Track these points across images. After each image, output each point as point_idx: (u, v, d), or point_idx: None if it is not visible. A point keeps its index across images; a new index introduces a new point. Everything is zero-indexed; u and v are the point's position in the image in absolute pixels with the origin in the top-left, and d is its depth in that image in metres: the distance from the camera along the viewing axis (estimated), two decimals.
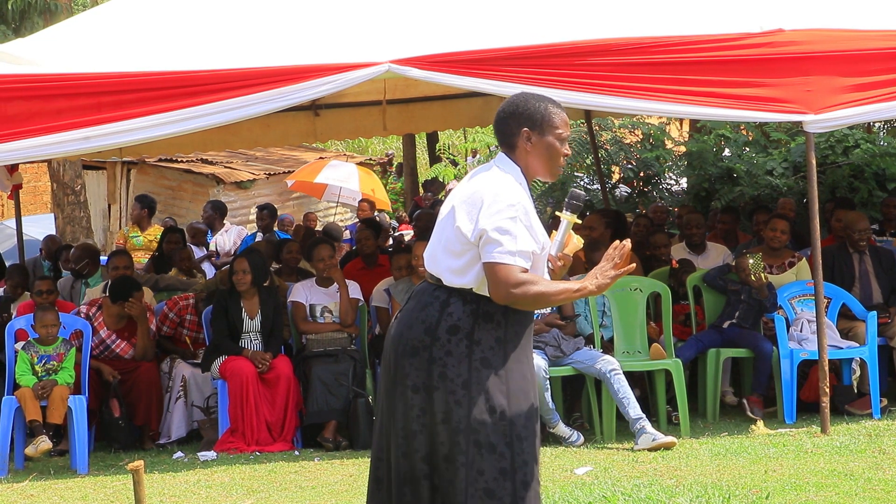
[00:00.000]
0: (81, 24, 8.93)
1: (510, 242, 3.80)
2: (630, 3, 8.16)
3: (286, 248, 10.25)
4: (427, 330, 3.87)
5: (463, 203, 3.91)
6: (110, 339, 8.44)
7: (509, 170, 3.95)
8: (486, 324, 3.87)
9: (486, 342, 3.86)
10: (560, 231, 4.08)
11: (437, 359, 3.85)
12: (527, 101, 4.00)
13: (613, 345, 8.14)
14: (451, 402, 3.82)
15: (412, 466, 3.86)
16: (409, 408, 3.87)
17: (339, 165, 18.67)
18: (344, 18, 8.03)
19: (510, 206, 3.83)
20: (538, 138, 3.96)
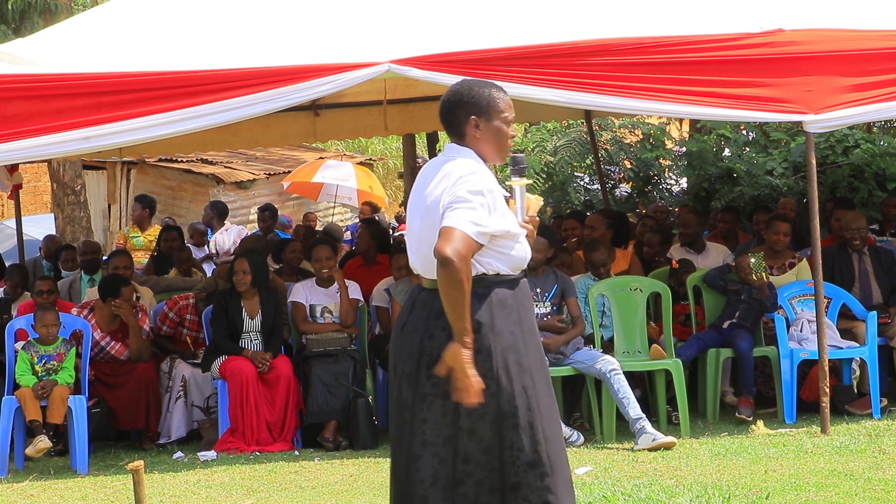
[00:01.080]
0: (81, 24, 8.93)
1: (471, 212, 3.87)
2: (630, 3, 8.16)
3: (289, 248, 10.25)
4: (451, 336, 3.92)
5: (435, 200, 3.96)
6: (104, 342, 8.43)
7: (466, 155, 4.04)
8: (502, 311, 3.98)
9: (506, 329, 3.98)
10: (517, 197, 4.16)
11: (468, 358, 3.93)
12: (470, 89, 4.08)
13: (613, 345, 8.14)
14: (486, 396, 3.92)
15: (455, 469, 3.96)
16: (444, 414, 3.97)
17: (336, 165, 18.65)
18: (344, 18, 8.03)
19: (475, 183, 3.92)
20: (486, 124, 4.05)
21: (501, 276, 4.01)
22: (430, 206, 3.98)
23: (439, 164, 4.07)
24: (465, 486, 3.97)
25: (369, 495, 6.45)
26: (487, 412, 3.95)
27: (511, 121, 4.12)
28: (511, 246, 4.02)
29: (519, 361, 3.99)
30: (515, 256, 4.04)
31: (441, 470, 3.97)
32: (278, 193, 19.85)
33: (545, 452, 3.97)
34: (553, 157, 14.05)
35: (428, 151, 23.15)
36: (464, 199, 3.89)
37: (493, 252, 3.99)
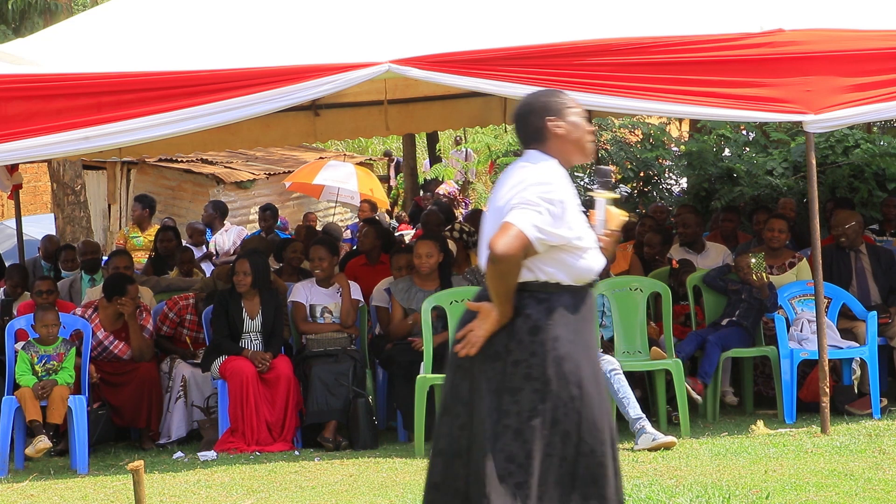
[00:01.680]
0: (81, 24, 8.93)
1: (536, 216, 3.91)
2: (630, 3, 8.16)
3: (290, 248, 10.25)
4: (509, 334, 3.97)
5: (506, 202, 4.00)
6: (108, 341, 8.44)
7: (546, 161, 4.07)
8: (561, 319, 4.00)
9: (564, 336, 4.00)
10: (598, 209, 4.22)
11: (520, 361, 3.98)
12: (537, 97, 4.19)
13: (613, 345, 8.14)
14: (536, 400, 3.96)
15: (499, 467, 3.97)
16: (491, 411, 3.99)
17: (338, 166, 18.65)
18: (344, 18, 8.03)
19: (546, 191, 3.95)
20: (563, 122, 4.12)
21: (563, 285, 4.03)
22: (499, 208, 4.02)
23: (516, 167, 4.10)
24: (506, 485, 3.98)
25: (369, 495, 6.45)
26: (536, 416, 3.97)
27: (584, 116, 4.19)
28: (577, 257, 4.03)
29: (571, 370, 4.00)
30: (580, 268, 4.05)
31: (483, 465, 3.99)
32: (278, 193, 19.85)
33: (583, 465, 4.01)
34: None
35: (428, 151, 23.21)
36: (532, 203, 3.92)
37: (556, 262, 4.02)
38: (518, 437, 3.96)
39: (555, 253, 4.00)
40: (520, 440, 3.96)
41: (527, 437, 3.96)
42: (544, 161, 4.07)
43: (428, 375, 7.73)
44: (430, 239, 8.60)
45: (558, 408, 3.97)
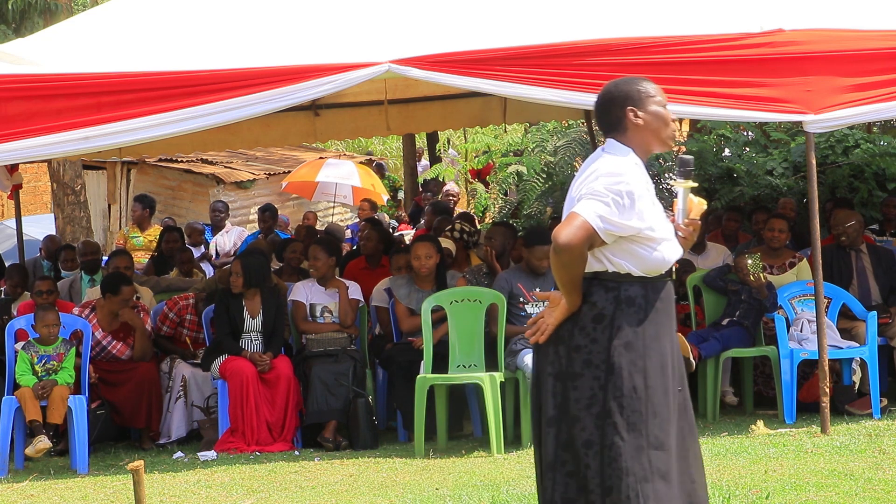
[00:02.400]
0: (81, 24, 8.93)
1: (602, 207, 3.92)
2: (630, 3, 8.16)
3: (290, 248, 10.26)
4: (573, 320, 4.00)
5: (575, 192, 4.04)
6: (106, 341, 8.43)
7: (620, 152, 4.08)
8: (628, 308, 4.00)
9: (627, 326, 3.98)
10: (680, 199, 4.21)
11: (581, 346, 3.98)
12: (618, 86, 4.17)
13: None
14: (595, 388, 3.95)
15: (554, 454, 3.99)
16: (553, 395, 4.01)
17: (338, 164, 18.68)
18: (344, 18, 8.03)
19: (616, 182, 3.95)
20: (644, 112, 4.09)
21: (633, 276, 4.02)
22: (572, 198, 4.06)
23: (593, 158, 4.12)
24: (559, 473, 3.98)
25: (369, 495, 6.45)
26: (594, 404, 3.95)
27: (665, 103, 4.17)
28: (650, 248, 4.02)
29: (634, 361, 3.97)
30: (652, 259, 4.03)
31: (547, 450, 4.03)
32: (278, 193, 19.85)
33: (646, 459, 3.93)
34: (553, 157, 14.04)
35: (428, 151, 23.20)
36: (599, 194, 3.94)
37: (627, 253, 4.01)
38: (576, 424, 3.96)
39: (625, 244, 4.00)
40: (577, 427, 3.96)
41: (585, 425, 3.95)
42: (620, 151, 4.08)
43: (428, 375, 7.74)
44: (428, 240, 8.60)
45: (618, 398, 3.94)
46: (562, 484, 3.96)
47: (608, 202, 3.92)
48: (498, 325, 7.84)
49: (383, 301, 8.64)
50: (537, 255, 7.91)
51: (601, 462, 3.92)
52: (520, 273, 8.07)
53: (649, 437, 3.94)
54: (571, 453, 3.95)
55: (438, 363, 7.85)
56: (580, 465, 3.94)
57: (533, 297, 7.97)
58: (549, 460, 4.00)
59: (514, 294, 7.95)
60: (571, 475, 3.95)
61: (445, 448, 7.76)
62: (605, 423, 3.93)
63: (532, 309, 7.95)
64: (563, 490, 3.96)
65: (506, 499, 6.07)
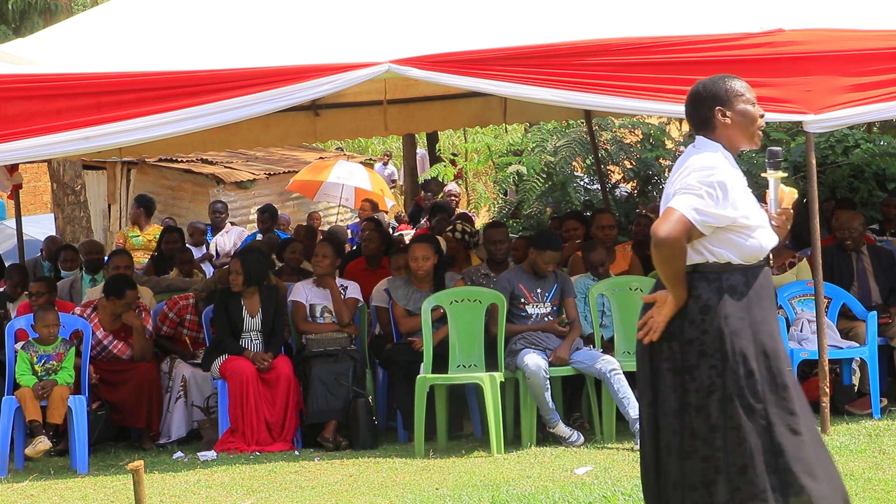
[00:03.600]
0: (81, 24, 8.93)
1: (697, 200, 4.06)
2: (630, 3, 8.16)
3: (289, 248, 10.26)
4: (680, 314, 4.14)
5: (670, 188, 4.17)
6: (107, 341, 8.44)
7: (711, 149, 4.21)
8: (732, 297, 4.14)
9: (734, 314, 4.12)
10: (771, 189, 4.35)
11: (694, 339, 4.13)
12: (706, 86, 4.30)
13: (613, 345, 8.14)
14: (713, 376, 4.10)
15: (683, 442, 4.13)
16: (673, 389, 4.16)
17: (348, 165, 18.76)
18: (344, 18, 8.03)
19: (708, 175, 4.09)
20: (731, 111, 4.23)
21: (733, 265, 4.16)
22: (667, 195, 4.18)
23: (685, 156, 4.25)
24: (692, 460, 4.12)
25: (369, 495, 6.45)
26: (715, 391, 4.10)
27: (754, 101, 4.28)
28: (746, 237, 4.16)
29: (746, 346, 4.12)
30: (749, 247, 4.18)
31: (673, 441, 4.16)
32: (278, 193, 19.86)
33: (774, 436, 4.08)
34: (553, 157, 14.04)
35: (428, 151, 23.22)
36: (692, 187, 4.08)
37: (725, 242, 4.16)
38: (700, 412, 4.11)
39: (722, 234, 4.14)
40: (702, 415, 4.11)
41: (709, 412, 4.10)
42: (710, 148, 4.22)
43: (428, 375, 7.74)
44: (426, 241, 8.60)
45: (737, 382, 4.09)
46: (699, 469, 4.11)
47: (702, 195, 4.07)
48: (498, 325, 7.84)
49: (383, 301, 8.64)
50: (546, 258, 7.91)
51: (731, 444, 4.08)
52: (522, 274, 8.07)
53: (770, 415, 4.09)
54: (701, 440, 4.11)
55: (438, 363, 7.86)
56: (711, 448, 4.10)
57: (534, 298, 7.97)
58: (680, 450, 4.14)
59: (515, 294, 7.95)
60: (706, 460, 4.11)
61: (445, 448, 7.76)
62: (728, 407, 4.09)
63: (533, 309, 7.95)
64: (700, 475, 4.11)
65: (506, 499, 6.08)
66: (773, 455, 4.07)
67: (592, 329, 8.15)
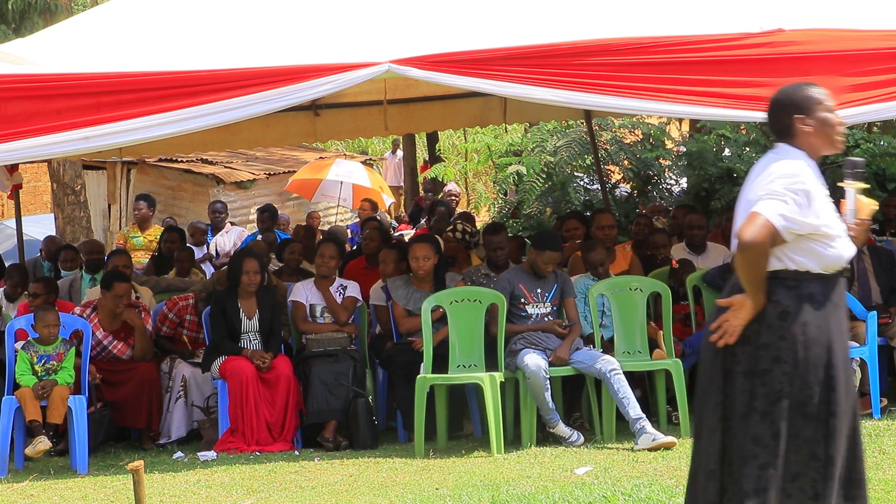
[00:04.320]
0: (81, 24, 8.94)
1: (783, 205, 4.10)
2: (630, 3, 8.16)
3: (288, 249, 10.25)
4: (758, 319, 4.16)
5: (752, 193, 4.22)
6: (107, 341, 8.44)
7: (793, 156, 4.26)
8: (810, 305, 4.16)
9: (812, 322, 4.15)
10: (849, 200, 4.43)
11: (770, 344, 4.15)
12: (786, 93, 4.35)
13: (613, 345, 8.14)
14: (784, 383, 4.13)
15: (742, 448, 4.16)
16: (742, 392, 4.18)
17: (348, 164, 18.77)
18: (344, 18, 8.03)
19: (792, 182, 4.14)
20: (811, 118, 4.28)
21: (812, 273, 4.19)
22: (749, 200, 4.20)
23: (767, 162, 4.27)
24: (750, 466, 4.14)
25: (369, 495, 6.45)
26: (783, 398, 4.13)
27: (833, 108, 4.33)
28: (826, 245, 4.19)
29: (821, 354, 4.14)
30: (829, 256, 4.20)
31: (735, 444, 4.18)
32: (278, 193, 19.86)
33: (831, 446, 4.12)
34: (553, 157, 14.05)
35: (428, 151, 23.22)
36: (778, 193, 4.11)
37: (805, 251, 4.18)
38: (765, 418, 4.13)
39: (803, 242, 4.17)
40: (766, 421, 4.13)
41: (774, 419, 4.13)
42: (792, 155, 4.25)
43: (428, 375, 7.74)
44: (426, 241, 8.59)
45: (805, 391, 4.12)
46: (754, 477, 4.13)
47: (787, 201, 4.11)
48: (498, 325, 7.84)
49: (381, 300, 8.64)
50: (545, 259, 7.91)
51: (791, 451, 4.11)
52: (522, 274, 8.07)
53: (832, 427, 4.13)
54: (763, 446, 4.13)
55: (438, 363, 7.85)
56: (771, 456, 4.11)
57: (534, 298, 7.97)
58: (741, 454, 4.15)
59: (515, 294, 7.95)
60: (764, 467, 4.12)
61: (445, 448, 7.76)
62: (794, 415, 4.12)
63: (533, 309, 7.95)
64: (755, 482, 4.12)
65: (506, 499, 6.08)
66: (826, 465, 4.12)
67: (592, 329, 8.15)
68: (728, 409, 4.21)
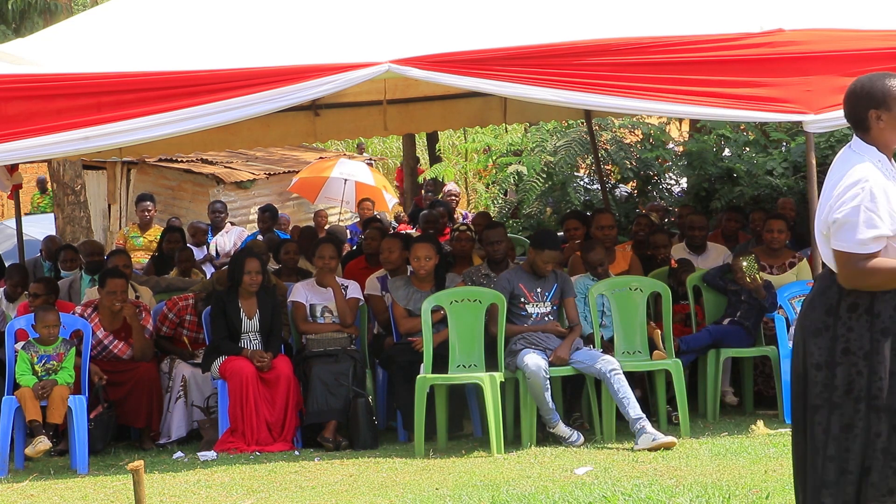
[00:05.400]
0: (81, 24, 8.94)
1: (851, 232, 4.00)
2: (630, 3, 8.16)
3: (284, 249, 10.25)
4: (828, 311, 4.11)
5: (825, 192, 4.14)
6: (108, 340, 8.44)
7: (864, 151, 4.15)
8: (884, 296, 4.07)
9: (885, 313, 4.07)
10: None
11: (839, 336, 4.09)
12: (863, 84, 4.22)
13: (613, 345, 8.14)
14: (853, 374, 4.07)
15: (814, 440, 4.15)
16: (814, 384, 4.15)
17: (349, 163, 18.79)
18: (344, 18, 8.03)
19: (854, 195, 4.02)
20: (886, 114, 4.17)
21: None
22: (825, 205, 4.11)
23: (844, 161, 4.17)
24: (819, 456, 4.14)
25: (369, 495, 6.45)
26: (852, 390, 4.08)
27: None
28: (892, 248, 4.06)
29: (893, 346, 4.07)
30: None
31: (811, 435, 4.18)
32: (278, 193, 19.86)
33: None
34: (553, 157, 14.05)
35: (428, 151, 23.22)
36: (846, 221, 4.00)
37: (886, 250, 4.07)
38: (835, 410, 4.10)
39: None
40: (836, 413, 4.10)
41: (844, 411, 4.09)
42: (863, 151, 4.14)
43: (428, 375, 7.74)
44: (427, 241, 8.60)
45: (876, 383, 4.06)
46: (821, 468, 4.12)
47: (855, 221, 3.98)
48: (498, 325, 7.84)
49: (376, 290, 8.64)
50: (545, 258, 7.92)
51: (861, 444, 4.08)
52: (521, 273, 8.07)
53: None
54: (832, 438, 4.11)
55: (438, 363, 7.85)
56: (840, 449, 4.09)
57: (534, 297, 7.97)
58: (813, 445, 4.16)
59: (515, 294, 7.96)
60: (831, 459, 4.10)
61: (445, 448, 7.76)
62: (864, 406, 4.07)
63: (533, 309, 7.95)
64: (821, 474, 4.12)
65: (506, 499, 6.08)
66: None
67: (592, 329, 8.15)
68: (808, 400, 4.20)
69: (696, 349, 8.35)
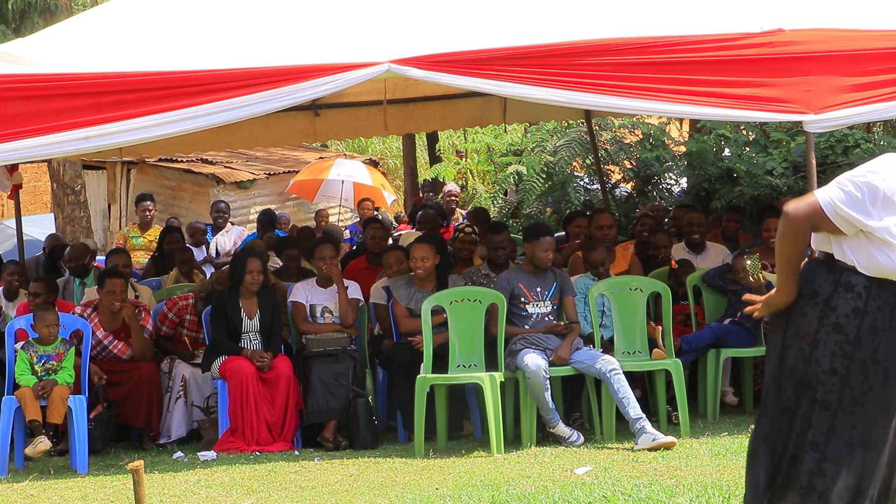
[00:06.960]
0: (81, 24, 8.94)
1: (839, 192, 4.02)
2: (630, 3, 8.16)
3: (286, 255, 10.25)
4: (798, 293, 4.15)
5: None
6: (107, 340, 8.44)
7: None
8: (846, 293, 4.08)
9: (841, 310, 4.07)
10: None
11: (793, 318, 4.14)
12: None
13: (613, 345, 8.14)
14: (799, 360, 4.12)
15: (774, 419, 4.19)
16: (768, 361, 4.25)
17: (349, 164, 18.78)
18: (344, 18, 8.03)
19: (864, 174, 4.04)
20: None
21: (858, 270, 4.08)
22: None
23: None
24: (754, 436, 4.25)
25: (369, 495, 6.45)
26: (794, 373, 4.11)
27: None
28: (881, 252, 4.03)
29: (841, 344, 4.07)
30: (880, 263, 4.04)
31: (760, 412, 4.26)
32: (278, 193, 19.87)
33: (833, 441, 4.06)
34: (553, 157, 14.05)
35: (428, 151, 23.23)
36: (841, 182, 4.05)
37: (859, 249, 4.06)
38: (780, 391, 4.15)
39: (864, 240, 4.04)
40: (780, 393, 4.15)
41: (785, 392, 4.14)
42: None
43: (428, 375, 7.74)
44: (426, 242, 8.59)
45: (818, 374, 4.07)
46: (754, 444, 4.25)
47: (845, 190, 4.02)
48: (498, 325, 7.84)
49: (381, 299, 8.64)
50: (542, 246, 7.92)
51: (793, 430, 4.12)
52: (521, 273, 8.07)
53: (838, 421, 4.07)
54: (768, 418, 4.18)
55: (438, 363, 7.85)
56: (774, 429, 4.16)
57: (534, 297, 7.97)
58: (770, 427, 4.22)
59: (515, 294, 7.95)
60: (766, 438, 4.21)
61: (445, 448, 7.76)
62: (803, 394, 4.10)
63: (533, 309, 7.95)
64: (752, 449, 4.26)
65: (506, 499, 6.08)
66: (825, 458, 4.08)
67: (592, 329, 8.15)
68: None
69: (699, 347, 8.35)
